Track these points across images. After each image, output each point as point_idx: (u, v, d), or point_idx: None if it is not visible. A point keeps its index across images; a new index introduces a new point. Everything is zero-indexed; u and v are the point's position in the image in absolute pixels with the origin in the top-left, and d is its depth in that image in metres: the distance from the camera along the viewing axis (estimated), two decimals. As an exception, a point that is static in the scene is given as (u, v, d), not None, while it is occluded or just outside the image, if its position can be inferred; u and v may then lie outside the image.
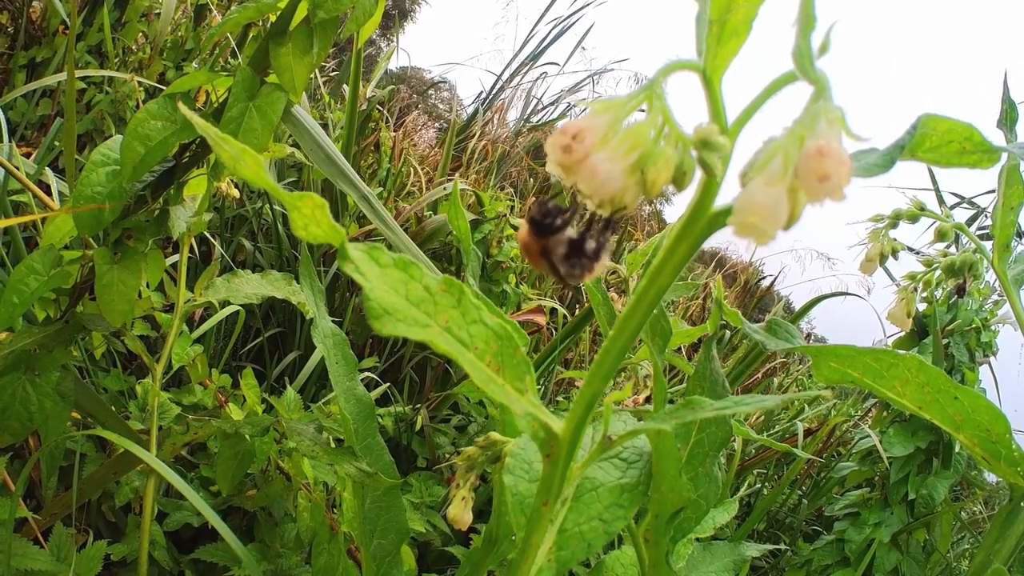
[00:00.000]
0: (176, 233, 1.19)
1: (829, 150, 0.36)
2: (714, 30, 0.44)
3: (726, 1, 0.44)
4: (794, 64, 0.40)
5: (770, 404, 0.50)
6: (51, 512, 1.35)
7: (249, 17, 1.05)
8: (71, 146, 1.29)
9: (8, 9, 2.41)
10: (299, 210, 0.49)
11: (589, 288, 0.94)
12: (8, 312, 1.18)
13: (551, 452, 0.51)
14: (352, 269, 0.48)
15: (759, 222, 0.37)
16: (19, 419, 1.21)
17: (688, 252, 0.46)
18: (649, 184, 0.41)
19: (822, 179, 0.36)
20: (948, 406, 0.68)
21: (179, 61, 2.54)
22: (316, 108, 2.95)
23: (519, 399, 0.49)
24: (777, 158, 0.38)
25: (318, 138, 1.15)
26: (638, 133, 0.42)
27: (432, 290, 0.50)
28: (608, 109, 0.42)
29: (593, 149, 0.41)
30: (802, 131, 0.38)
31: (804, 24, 0.38)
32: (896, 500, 2.27)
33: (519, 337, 0.78)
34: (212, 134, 0.47)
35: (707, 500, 0.79)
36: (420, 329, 0.47)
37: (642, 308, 0.47)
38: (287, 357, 2.27)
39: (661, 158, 0.41)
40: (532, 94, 5.82)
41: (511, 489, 0.63)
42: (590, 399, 0.50)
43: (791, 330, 0.76)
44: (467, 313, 0.50)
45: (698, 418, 0.49)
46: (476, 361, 0.48)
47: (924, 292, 1.11)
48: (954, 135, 0.50)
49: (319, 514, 1.53)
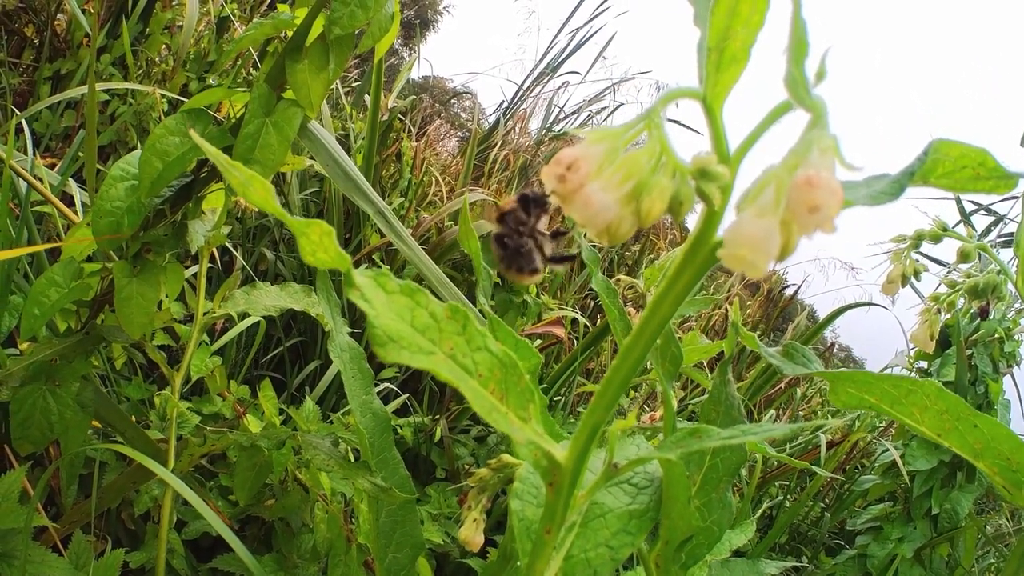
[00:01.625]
0: (195, 247, 1.20)
1: (819, 180, 0.35)
2: (713, 57, 0.44)
3: (723, 28, 0.43)
4: (788, 92, 0.40)
5: (777, 434, 0.49)
6: (71, 520, 1.36)
7: (266, 34, 1.05)
8: (92, 159, 1.30)
9: (34, 22, 2.45)
10: (307, 236, 0.49)
11: (605, 303, 0.94)
12: (29, 324, 1.19)
13: (554, 481, 0.51)
14: (357, 296, 0.48)
15: (748, 255, 0.36)
16: (40, 429, 1.23)
17: (691, 282, 0.45)
18: (643, 214, 0.40)
19: (812, 210, 0.35)
20: (968, 434, 0.66)
21: (201, 72, 2.57)
22: (338, 118, 2.97)
23: (522, 428, 0.48)
24: (769, 188, 0.37)
25: (335, 153, 1.15)
26: (634, 162, 0.41)
27: (438, 316, 0.50)
28: (604, 138, 0.42)
29: (588, 179, 0.41)
30: (794, 161, 0.37)
31: (796, 51, 0.38)
32: (919, 515, 2.24)
33: (524, 364, 0.78)
34: (222, 160, 0.47)
35: (720, 526, 0.78)
36: (424, 357, 0.47)
37: (644, 338, 0.47)
38: (308, 366, 2.27)
39: (656, 188, 0.41)
40: (554, 103, 5.82)
41: (518, 514, 0.62)
42: (592, 428, 0.49)
43: (808, 354, 0.75)
44: (472, 340, 0.50)
45: (705, 447, 0.48)
46: (479, 389, 0.48)
47: (948, 314, 1.09)
48: (967, 160, 0.49)
49: (336, 526, 1.53)
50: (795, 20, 0.38)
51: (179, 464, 1.33)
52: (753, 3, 0.42)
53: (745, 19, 0.43)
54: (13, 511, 1.15)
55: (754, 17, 0.42)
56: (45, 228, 1.78)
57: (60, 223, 1.59)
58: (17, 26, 2.48)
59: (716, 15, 0.43)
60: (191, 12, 2.53)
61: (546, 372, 2.78)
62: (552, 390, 2.51)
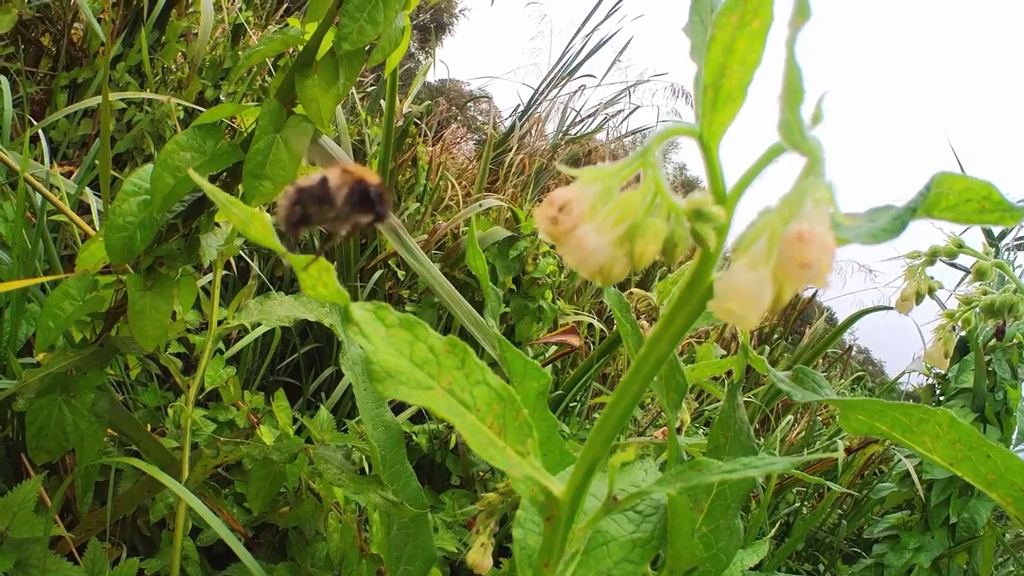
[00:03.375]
0: (207, 260, 1.21)
1: (811, 236, 0.35)
2: (709, 95, 0.43)
3: (719, 66, 0.43)
4: (782, 138, 0.39)
5: (778, 467, 0.49)
6: (87, 528, 1.38)
7: (275, 49, 1.06)
8: (106, 168, 1.31)
9: (50, 31, 2.47)
10: (306, 272, 0.49)
11: (618, 317, 0.94)
12: (44, 336, 1.20)
13: (551, 515, 0.51)
14: (355, 332, 0.48)
15: (738, 309, 0.36)
16: (55, 439, 1.24)
17: (687, 320, 0.45)
18: (636, 257, 0.40)
19: (803, 266, 0.35)
20: (980, 464, 0.66)
21: (217, 80, 2.58)
22: (353, 123, 2.98)
23: (519, 463, 0.48)
24: (762, 238, 0.37)
25: (345, 168, 1.15)
26: (628, 204, 0.41)
27: (436, 351, 0.50)
28: (598, 178, 0.41)
29: (581, 220, 0.40)
30: (787, 212, 0.37)
31: (791, 97, 0.37)
32: (937, 524, 2.21)
33: (534, 384, 0.78)
34: (221, 199, 0.47)
35: (727, 553, 0.77)
36: (422, 392, 0.47)
37: (641, 376, 0.46)
38: (323, 373, 2.28)
39: (650, 231, 0.40)
40: (570, 107, 5.81)
41: (520, 543, 0.62)
42: (590, 464, 0.49)
43: (818, 379, 0.74)
44: (471, 374, 0.50)
45: (705, 482, 0.48)
46: (476, 424, 0.48)
47: (963, 331, 1.08)
48: (972, 194, 0.49)
49: (349, 535, 1.54)
50: (789, 65, 0.37)
51: (193, 474, 1.34)
52: (749, 41, 0.41)
53: (741, 57, 0.42)
54: (29, 520, 1.16)
55: (750, 56, 0.42)
56: (61, 237, 1.79)
57: (76, 231, 1.60)
58: (34, 35, 2.50)
59: (712, 52, 0.43)
60: (206, 20, 2.55)
61: (562, 377, 2.78)
62: (568, 396, 2.51)
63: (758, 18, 0.41)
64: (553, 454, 0.83)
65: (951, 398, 2.38)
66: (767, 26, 0.42)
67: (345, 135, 2.48)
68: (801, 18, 0.37)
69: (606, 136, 6.28)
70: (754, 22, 0.41)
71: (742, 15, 0.41)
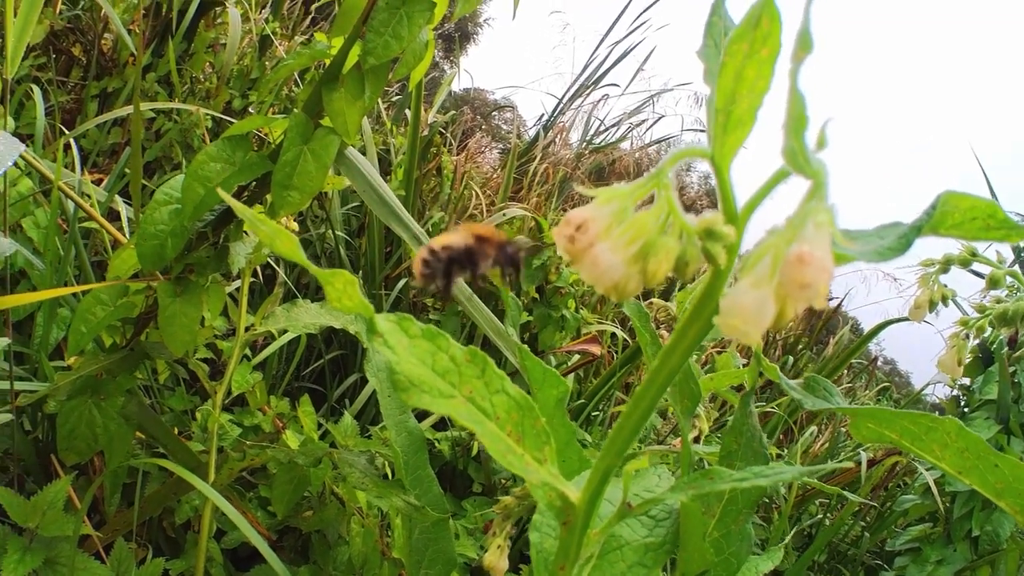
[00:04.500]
0: (235, 268, 1.23)
1: (811, 258, 0.36)
2: (720, 119, 0.45)
3: (730, 91, 0.44)
4: (787, 163, 0.40)
5: (787, 477, 0.50)
6: (114, 528, 1.40)
7: (303, 64, 1.08)
8: (137, 177, 1.34)
9: (81, 42, 2.52)
10: (332, 284, 0.51)
11: (637, 327, 0.95)
12: (76, 340, 1.23)
13: (568, 520, 0.52)
14: (380, 343, 0.50)
15: (741, 325, 0.37)
16: (85, 440, 1.27)
17: (699, 336, 0.46)
18: (649, 275, 0.41)
19: (803, 287, 0.36)
20: (988, 473, 0.66)
21: (244, 90, 2.62)
22: (379, 133, 3.01)
23: (537, 469, 0.50)
24: (766, 258, 0.38)
25: (371, 179, 1.18)
26: (642, 223, 0.42)
27: (458, 360, 0.52)
28: (613, 199, 0.43)
29: (597, 239, 0.42)
30: (790, 234, 0.38)
31: (794, 126, 0.39)
32: (959, 537, 2.20)
33: (553, 391, 0.79)
34: (248, 215, 0.49)
35: (738, 558, 0.79)
36: (444, 401, 0.49)
37: (655, 387, 0.48)
38: (348, 379, 2.31)
39: (662, 249, 0.42)
40: (593, 116, 5.82)
41: (536, 547, 0.64)
42: (605, 471, 0.51)
43: (829, 387, 0.76)
44: (491, 383, 0.52)
45: (716, 489, 0.49)
46: (496, 432, 0.50)
47: (976, 340, 1.08)
48: (977, 212, 0.50)
49: (371, 540, 1.56)
50: (792, 95, 0.38)
51: (219, 477, 1.36)
52: (758, 69, 0.43)
53: (751, 84, 0.43)
54: (58, 519, 1.19)
55: (759, 83, 0.43)
56: (92, 243, 1.83)
57: (106, 238, 1.63)
58: (65, 45, 2.55)
59: (723, 78, 0.44)
60: (234, 31, 2.59)
61: (585, 386, 2.79)
62: (590, 405, 2.52)
63: (766, 47, 0.43)
64: (572, 460, 0.84)
65: (975, 409, 2.36)
66: (775, 54, 0.43)
67: (371, 144, 2.51)
68: (803, 51, 0.39)
69: (630, 145, 6.29)
70: (763, 51, 0.43)
71: (751, 43, 0.43)
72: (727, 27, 0.54)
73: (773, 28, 0.43)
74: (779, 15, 0.43)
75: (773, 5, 0.43)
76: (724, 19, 0.55)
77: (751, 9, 0.43)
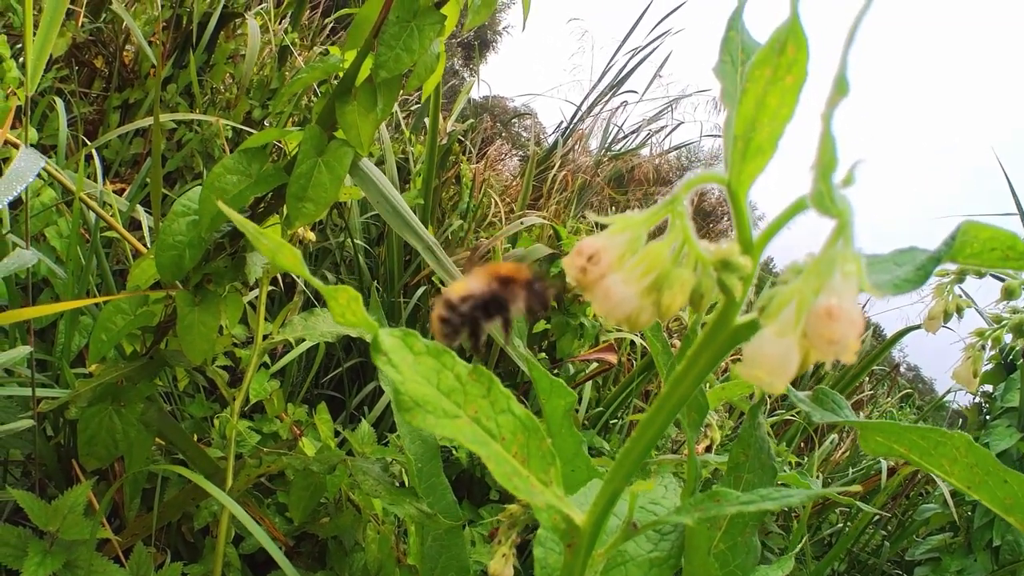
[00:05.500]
0: (252, 277, 1.24)
1: (840, 313, 0.35)
2: (739, 146, 0.43)
3: (751, 118, 0.43)
4: (813, 206, 0.39)
5: (794, 501, 0.50)
6: (133, 532, 1.42)
7: (317, 77, 1.09)
8: (157, 187, 1.35)
9: (103, 54, 2.55)
10: (336, 300, 0.51)
11: (649, 337, 0.95)
12: (97, 348, 1.25)
13: (572, 543, 0.52)
14: (384, 362, 0.50)
15: (765, 376, 0.36)
16: (105, 446, 1.28)
17: (710, 363, 0.45)
18: (664, 308, 0.41)
19: (831, 343, 0.35)
20: (998, 489, 0.65)
21: (264, 100, 2.64)
22: (398, 142, 3.02)
23: (542, 492, 0.50)
24: (790, 306, 0.37)
25: (384, 190, 1.19)
26: (656, 254, 0.41)
27: (463, 379, 0.52)
28: (627, 228, 0.42)
29: (609, 270, 0.41)
30: (817, 282, 0.37)
31: (824, 169, 0.37)
32: (980, 546, 2.17)
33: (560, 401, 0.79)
34: (250, 229, 0.49)
35: (744, 570, 0.78)
36: (448, 422, 0.49)
37: (663, 415, 0.48)
38: (366, 388, 2.31)
39: (677, 282, 0.41)
40: (612, 123, 5.80)
41: (540, 562, 0.63)
42: (611, 495, 0.50)
43: (838, 400, 0.74)
44: (496, 403, 0.52)
45: (723, 513, 0.49)
46: (501, 453, 0.50)
47: (992, 350, 1.06)
48: (996, 243, 0.49)
49: (386, 546, 1.56)
50: (824, 139, 0.37)
51: (237, 483, 1.37)
52: (782, 96, 0.42)
53: (773, 112, 0.42)
54: (78, 523, 1.19)
55: (782, 111, 0.42)
56: (113, 252, 1.85)
57: (128, 247, 1.65)
58: (87, 57, 2.58)
59: (744, 104, 0.43)
60: (253, 42, 2.61)
61: (604, 394, 2.78)
62: (607, 412, 2.51)
63: (791, 74, 0.41)
64: (580, 471, 0.84)
65: (997, 417, 2.33)
66: (800, 83, 0.42)
67: (390, 153, 2.52)
68: (839, 95, 0.37)
69: (649, 152, 6.27)
70: (787, 78, 0.41)
71: (775, 69, 0.42)
72: (744, 43, 0.53)
73: (799, 56, 0.41)
74: (806, 42, 0.41)
75: (800, 30, 0.41)
76: (741, 33, 0.53)
77: (776, 33, 0.42)
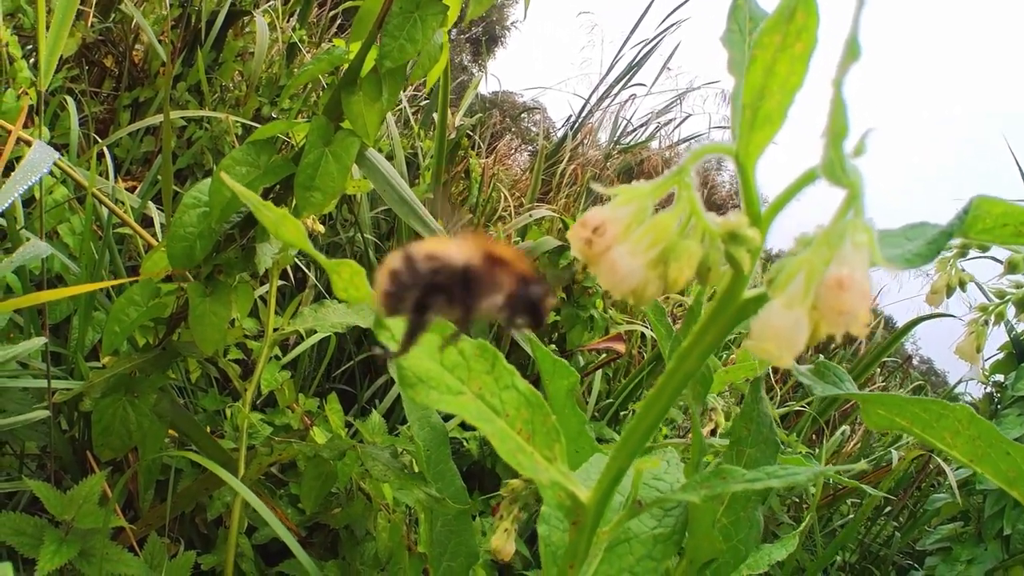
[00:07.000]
0: (262, 267, 1.25)
1: (851, 283, 0.35)
2: (747, 115, 0.42)
3: (759, 86, 0.42)
4: (824, 175, 0.38)
5: (801, 479, 0.50)
6: (147, 522, 1.43)
7: (323, 69, 1.10)
8: (168, 183, 1.37)
9: (113, 53, 2.57)
10: (339, 275, 0.51)
11: (652, 321, 0.95)
12: (110, 340, 1.26)
13: (577, 520, 0.52)
14: (387, 337, 0.50)
15: (774, 349, 0.36)
16: (119, 437, 1.29)
17: (717, 338, 0.45)
18: (670, 281, 0.40)
19: (841, 314, 0.35)
20: (1000, 461, 0.65)
21: (273, 97, 2.65)
22: (407, 136, 3.02)
23: (547, 468, 0.50)
24: (799, 277, 0.36)
25: (390, 179, 1.20)
26: (662, 225, 0.41)
27: (467, 355, 0.52)
28: (633, 199, 0.41)
29: (615, 242, 0.40)
30: (827, 253, 0.36)
31: (835, 137, 0.37)
32: (991, 536, 2.16)
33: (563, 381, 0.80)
34: (253, 200, 0.50)
35: (746, 545, 0.78)
36: (452, 397, 0.49)
37: (668, 391, 0.47)
38: (377, 380, 2.32)
39: (684, 254, 0.40)
40: (621, 116, 5.79)
41: (544, 539, 0.63)
42: (616, 473, 0.50)
43: (839, 373, 0.74)
44: (500, 379, 0.52)
45: (728, 491, 0.49)
46: (506, 429, 0.50)
47: (996, 326, 1.05)
48: (1009, 219, 0.48)
49: (397, 534, 1.57)
50: (835, 105, 0.36)
51: (249, 472, 1.38)
52: (791, 64, 0.41)
53: (782, 80, 0.41)
54: (93, 512, 1.21)
55: (791, 79, 0.41)
56: (126, 248, 1.86)
57: (140, 243, 1.66)
58: (97, 57, 2.60)
59: (752, 73, 0.42)
60: (261, 39, 2.62)
61: (614, 386, 2.78)
62: (616, 403, 2.52)
63: (801, 41, 0.40)
64: (584, 451, 0.83)
65: (1008, 406, 2.32)
66: (810, 50, 0.41)
67: (399, 148, 2.52)
68: (851, 59, 0.36)
69: (658, 145, 6.26)
70: (796, 45, 0.41)
71: (785, 36, 0.41)
72: (752, 12, 0.53)
73: (809, 22, 0.40)
74: (816, 8, 0.40)
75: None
76: (749, 2, 0.53)
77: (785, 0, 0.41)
